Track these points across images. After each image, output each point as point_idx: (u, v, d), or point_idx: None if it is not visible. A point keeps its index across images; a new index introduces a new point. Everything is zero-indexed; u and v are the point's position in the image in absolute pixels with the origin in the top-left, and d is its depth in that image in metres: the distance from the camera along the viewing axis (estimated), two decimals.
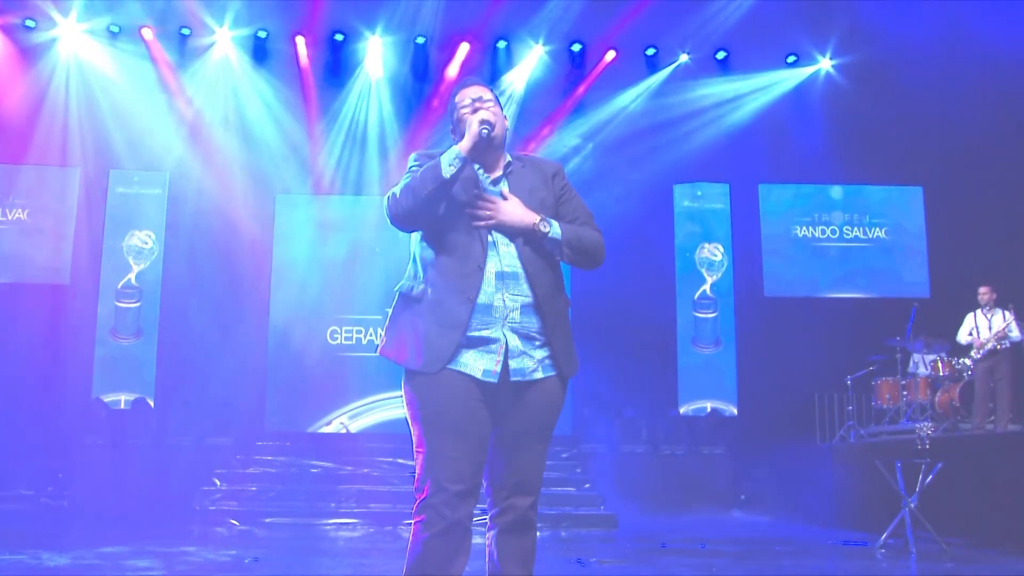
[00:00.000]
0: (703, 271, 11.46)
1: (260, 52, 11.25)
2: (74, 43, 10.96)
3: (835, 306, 11.38)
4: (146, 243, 11.06)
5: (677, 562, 6.09)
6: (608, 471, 9.64)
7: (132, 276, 11.00)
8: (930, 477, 6.56)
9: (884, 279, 11.59)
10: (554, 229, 2.59)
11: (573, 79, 11.53)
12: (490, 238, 2.58)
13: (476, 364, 2.51)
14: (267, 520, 8.30)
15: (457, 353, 2.50)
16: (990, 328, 8.42)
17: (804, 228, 11.74)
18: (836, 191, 11.82)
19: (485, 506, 2.66)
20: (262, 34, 11.15)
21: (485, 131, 2.56)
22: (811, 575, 5.69)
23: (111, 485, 9.03)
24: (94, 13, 10.72)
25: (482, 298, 2.52)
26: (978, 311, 8.60)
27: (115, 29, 10.95)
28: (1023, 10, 9.92)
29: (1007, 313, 8.38)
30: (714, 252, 11.49)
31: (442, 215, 2.57)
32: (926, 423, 7.16)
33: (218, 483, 9.10)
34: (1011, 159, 10.57)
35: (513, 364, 2.53)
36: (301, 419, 11.04)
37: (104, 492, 8.96)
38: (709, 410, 11.06)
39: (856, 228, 11.76)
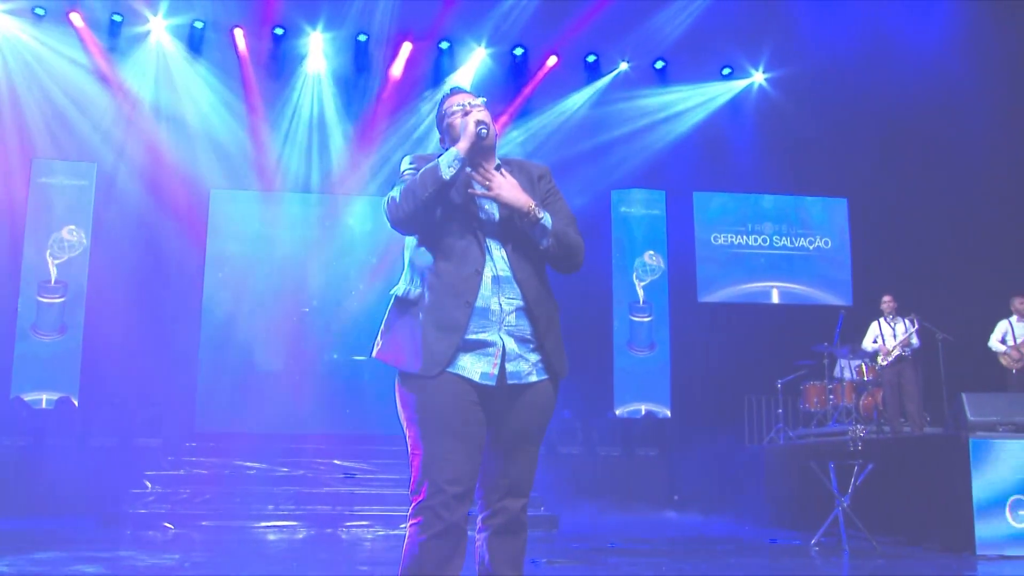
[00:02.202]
0: (639, 276, 11.65)
1: (196, 43, 10.94)
2: None
3: (765, 312, 11.77)
4: (71, 236, 10.61)
5: (625, 561, 6.21)
6: (546, 472, 9.71)
7: (55, 270, 10.54)
8: (861, 478, 6.86)
9: (811, 287, 12.03)
10: (546, 217, 2.64)
11: (515, 83, 11.58)
12: (485, 242, 2.60)
13: (473, 367, 2.53)
14: (203, 523, 8.07)
15: (455, 356, 2.52)
16: (895, 336, 8.85)
17: (736, 236, 12.08)
18: (767, 201, 12.22)
19: (475, 508, 2.67)
20: (199, 24, 10.86)
21: (484, 131, 2.59)
22: (753, 573, 5.88)
23: (33, 488, 8.65)
24: None
25: (480, 302, 2.54)
26: (881, 319, 9.03)
27: (40, 12, 10.50)
28: (946, 27, 10.48)
29: (907, 321, 8.82)
30: (653, 258, 11.69)
31: (438, 218, 2.58)
32: (859, 426, 7.47)
33: (149, 485, 8.78)
34: (930, 172, 11.13)
35: (510, 367, 2.56)
36: (233, 419, 10.77)
37: (26, 495, 8.58)
38: (644, 412, 11.26)
39: (785, 237, 12.17)
